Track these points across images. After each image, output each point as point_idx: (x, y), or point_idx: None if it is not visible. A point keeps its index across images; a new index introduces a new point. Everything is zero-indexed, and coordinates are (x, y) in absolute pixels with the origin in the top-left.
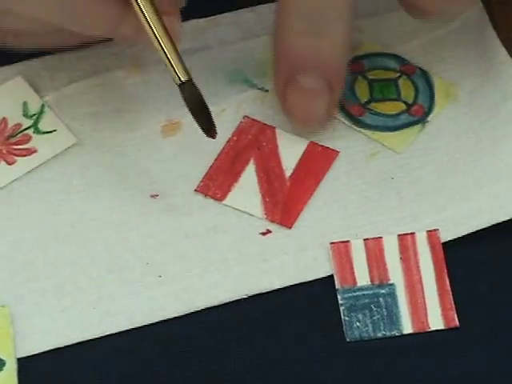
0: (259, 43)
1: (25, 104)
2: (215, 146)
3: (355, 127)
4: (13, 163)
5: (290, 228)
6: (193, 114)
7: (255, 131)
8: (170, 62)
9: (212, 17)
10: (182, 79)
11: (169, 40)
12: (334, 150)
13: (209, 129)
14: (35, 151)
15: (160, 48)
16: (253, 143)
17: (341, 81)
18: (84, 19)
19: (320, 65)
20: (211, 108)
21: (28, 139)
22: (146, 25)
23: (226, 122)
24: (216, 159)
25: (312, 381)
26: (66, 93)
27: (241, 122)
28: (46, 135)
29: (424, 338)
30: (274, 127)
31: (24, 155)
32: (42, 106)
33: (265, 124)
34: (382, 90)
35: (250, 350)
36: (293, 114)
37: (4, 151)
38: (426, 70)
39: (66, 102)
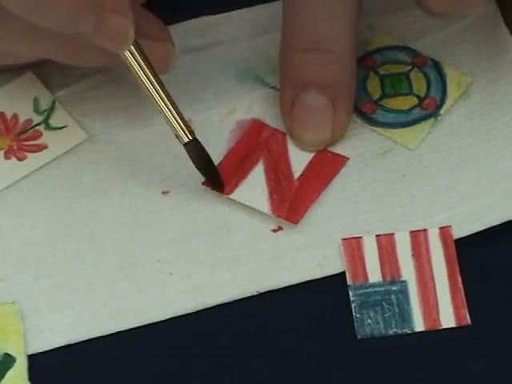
0: (271, 40)
1: (36, 100)
2: (226, 144)
3: (368, 125)
4: (23, 159)
5: (296, 224)
6: (200, 171)
7: (266, 135)
8: (174, 123)
9: (224, 13)
10: (187, 139)
11: (170, 101)
12: (343, 157)
13: (217, 184)
14: (46, 147)
15: (163, 111)
16: (263, 146)
17: (345, 100)
18: (83, 56)
19: (323, 82)
20: (222, 107)
21: (39, 135)
22: (146, 89)
23: (237, 122)
24: (225, 157)
25: (323, 378)
26: (77, 89)
27: (252, 125)
28: (56, 131)
29: (435, 336)
30: (285, 133)
31: (34, 151)
32: (53, 101)
33: (276, 129)
34: (394, 85)
35: (260, 347)
36: (298, 134)
37: (15, 147)
38: (438, 61)
39: (77, 98)
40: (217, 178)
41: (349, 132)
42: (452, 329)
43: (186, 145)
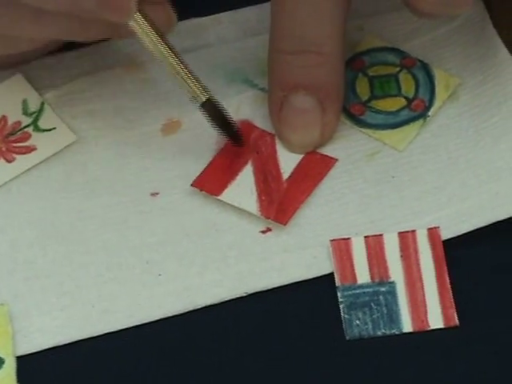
0: (260, 42)
1: (24, 102)
2: (215, 145)
3: (356, 127)
4: (12, 161)
5: (285, 225)
6: (220, 129)
7: (255, 136)
8: (189, 84)
9: (213, 15)
10: (203, 99)
11: (183, 63)
12: (332, 158)
13: (237, 139)
14: (34, 149)
15: (177, 74)
16: (252, 147)
17: (334, 102)
18: (89, 31)
19: (311, 84)
20: None
21: (27, 137)
22: (158, 52)
23: None
24: (214, 158)
25: (312, 379)
26: (65, 90)
27: (241, 126)
28: (45, 133)
29: (424, 337)
30: (274, 134)
31: (23, 153)
32: (42, 103)
33: (264, 130)
34: (383, 87)
35: (249, 348)
36: (287, 136)
37: (3, 149)
38: (427, 62)
39: (66, 100)
40: (236, 134)
41: (337, 133)
42: (440, 329)
43: (203, 104)
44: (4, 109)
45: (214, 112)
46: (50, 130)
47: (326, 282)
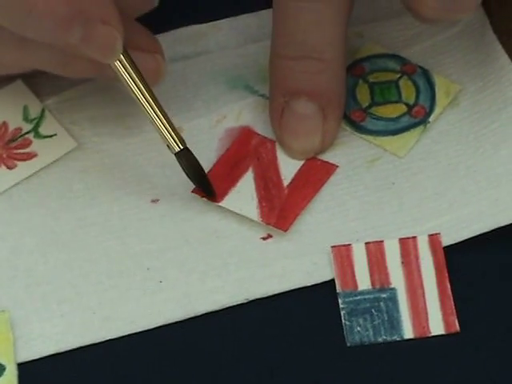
0: (261, 48)
1: (25, 108)
2: (215, 152)
3: (357, 133)
4: (13, 168)
5: (286, 231)
6: (192, 180)
7: (255, 143)
8: (164, 133)
9: (213, 22)
10: (178, 148)
11: (161, 110)
12: (332, 165)
13: (210, 192)
14: (35, 155)
15: (153, 121)
16: (252, 154)
17: (335, 108)
18: (72, 67)
19: (313, 90)
20: (212, 115)
21: (28, 143)
22: (136, 99)
23: (226, 130)
24: (215, 164)
25: None
26: (66, 97)
27: (241, 133)
28: (46, 139)
29: (425, 344)
30: (274, 141)
31: (24, 159)
32: (43, 110)
33: (265, 137)
34: (383, 93)
35: (250, 355)
36: (287, 142)
37: (4, 156)
38: (427, 69)
39: (67, 106)
40: (208, 186)
41: (338, 140)
42: (441, 336)
43: (176, 154)
44: (4, 115)
45: (188, 162)
46: (50, 136)
47: (326, 288)
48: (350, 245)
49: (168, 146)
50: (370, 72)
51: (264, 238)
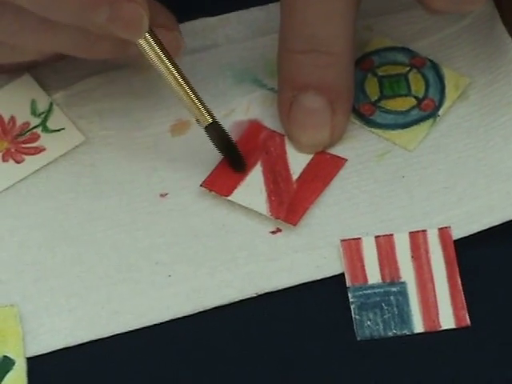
0: (269, 42)
1: (33, 102)
2: None
3: (366, 127)
4: (21, 162)
5: (295, 225)
6: (222, 153)
7: (264, 136)
8: (194, 107)
9: (222, 15)
10: (207, 122)
11: (189, 85)
12: (342, 159)
13: (240, 164)
14: (43, 150)
15: (183, 95)
16: (261, 148)
17: (344, 102)
18: (96, 48)
19: (321, 84)
20: (220, 108)
21: (36, 138)
22: (165, 73)
23: (235, 123)
24: (223, 158)
25: (322, 380)
26: (74, 91)
27: (250, 127)
28: (54, 134)
29: (435, 337)
30: (283, 135)
31: (32, 154)
32: (51, 104)
33: (274, 131)
34: (392, 86)
35: (259, 350)
36: (296, 136)
37: (12, 150)
38: (436, 62)
39: (75, 100)
40: (238, 158)
41: (347, 133)
42: (451, 330)
43: (207, 127)
44: (12, 109)
45: (218, 136)
46: (58, 130)
47: (336, 282)
48: (359, 238)
49: (197, 120)
50: (379, 65)
51: (273, 232)
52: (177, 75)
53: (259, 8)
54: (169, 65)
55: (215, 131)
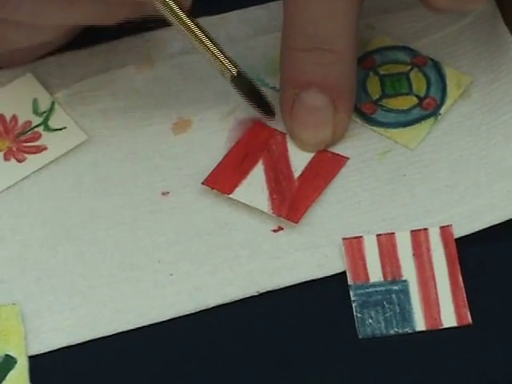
0: (271, 41)
1: (35, 101)
2: (226, 144)
3: (367, 125)
4: (23, 161)
5: (297, 223)
6: (250, 103)
7: (266, 135)
8: (217, 59)
9: (223, 14)
10: (232, 73)
11: (211, 38)
12: (343, 157)
13: (268, 110)
14: (45, 148)
15: (206, 49)
16: (263, 146)
17: (346, 100)
18: (117, 13)
19: (324, 82)
20: (222, 106)
21: (38, 137)
22: (186, 30)
23: (236, 122)
24: (225, 156)
25: (324, 378)
26: (76, 89)
27: (252, 125)
28: (56, 132)
29: (436, 336)
30: (285, 133)
31: (34, 153)
32: (53, 103)
33: (275, 129)
34: (394, 85)
35: (261, 348)
36: (298, 134)
37: (14, 149)
38: (438, 61)
39: (77, 99)
40: (266, 105)
41: (349, 132)
42: (453, 328)
43: (232, 78)
44: (14, 108)
45: (245, 85)
46: (60, 129)
47: (338, 280)
48: (361, 237)
49: (222, 73)
50: (381, 64)
51: (275, 231)
52: (195, 30)
53: (260, 7)
54: (186, 20)
55: (241, 82)
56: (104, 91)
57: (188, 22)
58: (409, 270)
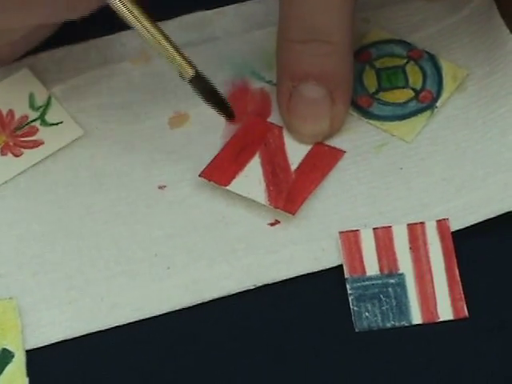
0: (267, 35)
1: (31, 96)
2: (222, 138)
3: (364, 119)
4: (19, 155)
5: (294, 215)
6: (209, 104)
7: (263, 128)
8: (174, 60)
9: (219, 8)
10: (190, 74)
11: (167, 38)
12: (340, 150)
13: (228, 114)
14: (42, 143)
15: (161, 50)
16: (259, 139)
17: (343, 92)
18: (77, 6)
19: (321, 74)
20: None
21: (35, 131)
22: (142, 29)
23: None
24: (222, 149)
25: (320, 371)
26: (72, 84)
27: (249, 119)
28: (52, 127)
29: (433, 329)
30: (282, 127)
31: (31, 147)
32: (49, 97)
33: (272, 123)
34: (390, 79)
35: (258, 341)
36: (296, 126)
37: (11, 143)
38: (434, 54)
39: (73, 94)
40: (226, 107)
41: (345, 125)
42: (449, 321)
43: (191, 80)
44: (11, 103)
45: (203, 86)
46: (57, 124)
47: (334, 274)
48: (357, 230)
49: (180, 74)
50: (377, 58)
51: (272, 224)
52: (155, 30)
53: (256, 1)
54: (143, 21)
55: (199, 83)
56: (100, 86)
57: (145, 22)
58: (405, 264)
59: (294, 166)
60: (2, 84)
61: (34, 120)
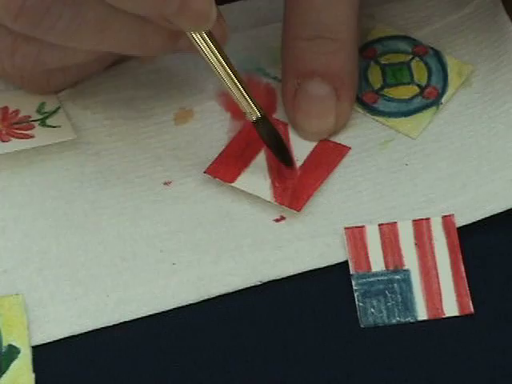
0: (272, 31)
1: (42, 103)
2: (227, 134)
3: (369, 115)
4: (6, 141)
5: (299, 211)
6: (270, 148)
7: None
8: (243, 99)
9: (224, 4)
10: (257, 115)
11: (239, 78)
12: (345, 146)
13: (288, 160)
14: (32, 137)
15: (234, 88)
16: None
17: (349, 89)
18: (149, 44)
19: (326, 71)
20: (224, 97)
21: (30, 128)
22: (216, 65)
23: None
24: (227, 146)
25: (326, 367)
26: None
27: None
28: (49, 128)
29: (438, 325)
30: (287, 123)
31: (20, 138)
32: (58, 107)
33: (277, 119)
34: (395, 75)
35: (264, 337)
36: (301, 123)
37: (3, 132)
38: (439, 50)
39: (79, 93)
40: (287, 153)
41: (350, 122)
42: (455, 317)
43: (255, 122)
44: (20, 105)
45: (267, 130)
46: (54, 127)
47: (340, 270)
48: (363, 226)
49: (245, 113)
50: (382, 54)
51: (277, 220)
52: (227, 68)
53: None
54: (220, 57)
55: (263, 125)
56: (106, 84)
57: (222, 60)
58: (411, 260)
59: (299, 163)
60: (20, 91)
61: (34, 120)
